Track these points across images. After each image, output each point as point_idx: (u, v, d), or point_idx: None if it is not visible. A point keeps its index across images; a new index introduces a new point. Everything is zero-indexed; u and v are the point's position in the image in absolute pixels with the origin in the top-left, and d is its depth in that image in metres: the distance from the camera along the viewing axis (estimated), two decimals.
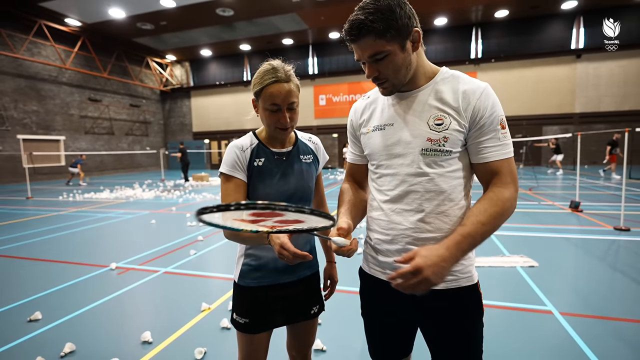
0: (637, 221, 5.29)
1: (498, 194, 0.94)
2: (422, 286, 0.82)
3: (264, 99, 1.14)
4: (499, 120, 0.97)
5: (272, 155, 1.24)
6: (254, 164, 1.20)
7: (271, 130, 1.20)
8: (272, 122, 1.17)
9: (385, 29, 0.89)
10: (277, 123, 1.17)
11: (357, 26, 0.90)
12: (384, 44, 0.91)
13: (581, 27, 16.33)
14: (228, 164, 1.19)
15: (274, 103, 1.13)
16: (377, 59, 0.94)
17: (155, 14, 14.78)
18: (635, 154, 15.12)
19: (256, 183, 1.21)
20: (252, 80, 1.19)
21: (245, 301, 1.29)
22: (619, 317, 2.53)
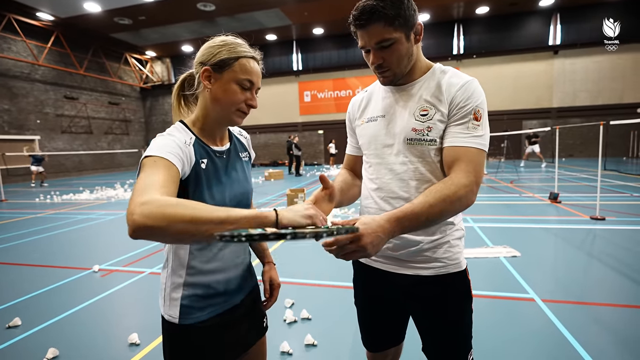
0: (612, 210, 5.52)
1: (454, 179, 0.91)
2: (357, 254, 0.81)
3: (236, 71, 0.92)
4: (472, 110, 0.97)
5: (214, 155, 0.98)
6: (200, 165, 0.92)
7: (229, 112, 0.95)
8: (239, 100, 0.94)
9: (394, 16, 0.92)
10: (243, 106, 0.95)
11: (368, 11, 0.92)
12: (391, 31, 0.93)
13: (558, 23, 16.82)
14: (164, 147, 0.83)
15: (250, 79, 0.94)
16: (383, 46, 0.96)
17: (133, 8, 14.34)
18: (609, 146, 15.76)
19: (200, 189, 0.91)
20: (209, 47, 0.95)
21: (193, 347, 0.95)
22: (596, 302, 2.63)
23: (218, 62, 0.92)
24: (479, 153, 0.95)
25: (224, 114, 0.96)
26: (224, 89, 0.93)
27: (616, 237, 4.23)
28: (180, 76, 1.06)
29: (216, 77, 0.93)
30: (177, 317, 0.95)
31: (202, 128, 0.98)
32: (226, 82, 0.93)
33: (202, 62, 0.94)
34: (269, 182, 11.90)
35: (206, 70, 0.93)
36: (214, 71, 0.93)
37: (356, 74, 19.16)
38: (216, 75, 0.93)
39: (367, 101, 1.17)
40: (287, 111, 20.65)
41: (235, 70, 0.93)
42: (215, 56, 0.93)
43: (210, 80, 0.94)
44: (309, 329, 2.39)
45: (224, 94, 0.93)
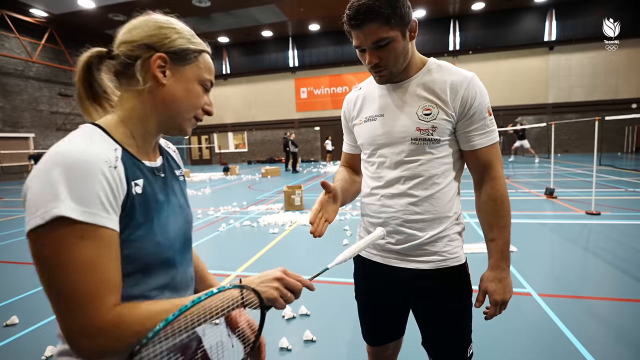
0: (607, 205, 5.57)
1: (497, 189, 1.05)
2: (504, 305, 1.05)
3: (201, 68, 0.72)
4: (486, 108, 1.03)
5: (150, 173, 0.70)
6: (132, 191, 0.62)
7: (184, 118, 0.72)
8: (200, 104, 0.73)
9: (390, 14, 0.91)
10: (199, 110, 0.74)
11: (364, 10, 0.90)
12: (388, 30, 0.93)
13: (553, 19, 16.86)
14: (85, 196, 0.53)
15: (212, 80, 0.76)
16: (379, 45, 0.95)
17: (127, 4, 14.19)
18: (604, 142, 15.87)
19: (137, 226, 0.62)
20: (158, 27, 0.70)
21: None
22: (592, 296, 2.67)
23: (178, 51, 0.69)
24: (497, 145, 1.07)
25: (176, 119, 0.71)
26: (184, 88, 0.70)
27: (611, 231, 4.27)
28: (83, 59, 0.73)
29: (174, 71, 0.69)
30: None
31: (132, 136, 0.68)
32: (188, 80, 0.70)
33: (151, 46, 0.67)
34: (266, 179, 11.88)
35: (161, 58, 0.67)
36: (172, 62, 0.68)
37: (352, 70, 19.12)
38: (175, 68, 0.69)
39: (363, 99, 1.15)
40: (284, 108, 20.59)
41: (199, 66, 0.72)
42: (173, 42, 0.69)
43: (164, 73, 0.68)
44: (307, 324, 2.40)
45: (184, 94, 0.70)
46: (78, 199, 0.52)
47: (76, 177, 0.53)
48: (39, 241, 0.53)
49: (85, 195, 0.53)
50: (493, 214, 1.05)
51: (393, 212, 1.07)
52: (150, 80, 0.67)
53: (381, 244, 1.11)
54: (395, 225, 1.07)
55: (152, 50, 0.67)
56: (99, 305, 0.53)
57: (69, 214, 0.51)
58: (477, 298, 1.07)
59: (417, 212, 1.05)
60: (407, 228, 1.06)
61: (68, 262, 0.52)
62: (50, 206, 0.51)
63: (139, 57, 0.67)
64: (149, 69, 0.67)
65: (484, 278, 1.06)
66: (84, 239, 0.53)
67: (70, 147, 0.56)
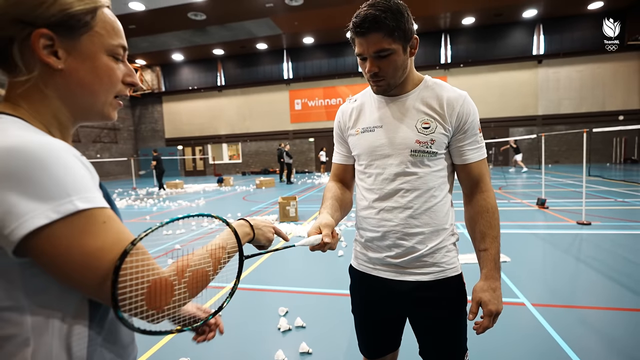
0: (597, 215, 5.66)
1: (488, 201, 1.09)
2: (496, 317, 1.04)
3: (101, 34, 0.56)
4: (477, 125, 1.08)
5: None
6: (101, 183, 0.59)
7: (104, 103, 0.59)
8: (117, 81, 0.60)
9: (394, 27, 0.95)
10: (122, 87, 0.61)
11: (370, 20, 0.94)
12: (390, 42, 0.96)
13: (541, 34, 17.36)
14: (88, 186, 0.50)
15: (123, 44, 0.60)
16: (381, 55, 0.99)
17: (123, 17, 14.29)
18: (593, 153, 16.20)
19: None
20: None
21: None
22: (584, 305, 2.70)
23: (62, 19, 0.51)
24: (485, 160, 1.12)
25: (92, 107, 0.58)
26: (89, 69, 0.55)
27: (602, 241, 4.34)
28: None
29: (68, 47, 0.53)
30: None
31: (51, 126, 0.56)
32: (90, 56, 0.55)
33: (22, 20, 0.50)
34: (260, 190, 11.87)
35: (44, 35, 0.51)
36: (59, 37, 0.52)
37: (346, 82, 19.38)
38: (66, 44, 0.53)
39: (360, 110, 1.17)
40: (278, 119, 20.71)
41: (99, 32, 0.55)
42: (51, 7, 0.51)
43: (57, 54, 0.52)
44: (303, 337, 2.39)
45: (91, 75, 0.55)
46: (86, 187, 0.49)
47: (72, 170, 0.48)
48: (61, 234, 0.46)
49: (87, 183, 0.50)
50: (486, 224, 1.07)
51: (393, 225, 1.08)
52: (40, 67, 0.52)
53: (380, 257, 1.12)
54: (395, 238, 1.08)
55: (27, 26, 0.50)
56: None
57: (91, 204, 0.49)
58: (470, 310, 1.04)
59: (416, 225, 1.06)
60: (406, 241, 1.07)
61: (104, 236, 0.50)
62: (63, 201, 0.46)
63: (12, 38, 0.50)
64: (32, 53, 0.51)
65: (477, 288, 1.05)
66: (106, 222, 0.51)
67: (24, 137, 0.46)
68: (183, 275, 0.57)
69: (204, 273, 0.61)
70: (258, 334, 2.47)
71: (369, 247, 1.15)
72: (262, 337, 2.44)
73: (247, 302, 2.96)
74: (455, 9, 15.50)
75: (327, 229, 0.94)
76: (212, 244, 0.67)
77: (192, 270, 0.59)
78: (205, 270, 0.62)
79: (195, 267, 0.60)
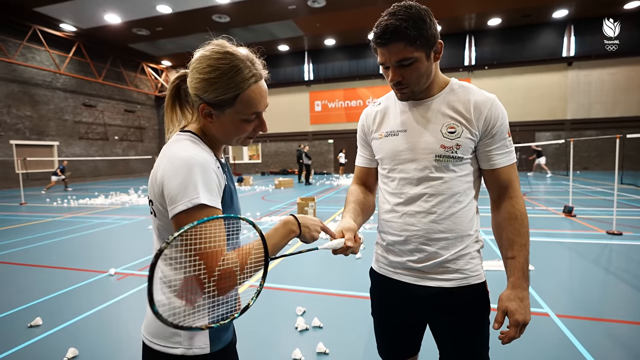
0: (629, 225, 5.40)
1: (517, 208, 1.05)
2: (523, 327, 1.00)
3: (239, 109, 0.83)
4: (506, 129, 1.06)
5: (225, 167, 0.92)
6: (226, 182, 0.86)
7: (235, 141, 0.90)
8: (246, 132, 0.88)
9: (416, 36, 0.94)
10: (251, 133, 0.89)
11: (391, 31, 0.93)
12: (412, 51, 0.96)
13: (572, 35, 16.71)
14: (209, 189, 0.77)
15: (257, 111, 0.85)
16: (403, 64, 0.98)
17: (151, 19, 14.82)
18: (626, 159, 15.43)
19: (225, 207, 0.85)
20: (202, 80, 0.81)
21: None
22: (613, 318, 2.59)
23: (215, 102, 0.81)
24: (515, 165, 1.09)
25: (229, 141, 0.90)
26: (229, 125, 0.85)
27: (634, 252, 4.14)
28: (171, 82, 0.92)
29: (217, 114, 0.84)
30: (209, 345, 0.84)
31: (211, 141, 0.90)
32: (229, 121, 0.84)
33: (198, 95, 0.83)
34: (279, 190, 11.98)
35: (204, 108, 0.83)
36: (213, 109, 0.83)
37: (367, 84, 19.29)
38: (217, 112, 0.83)
39: (383, 114, 1.17)
40: (298, 120, 20.85)
41: (237, 108, 0.82)
42: (212, 93, 0.80)
43: (211, 116, 0.84)
44: (320, 337, 2.40)
45: (228, 129, 0.86)
46: (208, 189, 0.76)
47: (205, 175, 0.76)
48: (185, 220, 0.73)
49: (211, 187, 0.77)
50: (514, 231, 1.04)
51: (416, 230, 1.07)
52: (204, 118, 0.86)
53: (401, 261, 1.11)
54: (418, 243, 1.07)
55: (199, 99, 0.83)
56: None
57: (205, 202, 0.74)
58: (495, 319, 0.99)
59: (440, 230, 1.05)
60: (429, 246, 1.06)
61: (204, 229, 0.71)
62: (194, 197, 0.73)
63: (195, 100, 0.85)
64: (200, 112, 0.85)
65: (504, 297, 1.02)
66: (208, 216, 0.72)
67: (193, 153, 0.79)
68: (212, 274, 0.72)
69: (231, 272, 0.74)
70: (275, 333, 2.51)
71: (390, 251, 1.15)
72: (280, 335, 2.47)
73: (265, 301, 3.01)
74: (480, 10, 15.14)
75: (349, 233, 0.96)
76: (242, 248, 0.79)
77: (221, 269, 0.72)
78: (233, 270, 0.74)
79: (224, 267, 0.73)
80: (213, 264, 0.71)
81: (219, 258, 0.72)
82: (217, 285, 0.71)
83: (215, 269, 0.71)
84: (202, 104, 0.83)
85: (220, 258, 0.73)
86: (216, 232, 0.72)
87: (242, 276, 0.75)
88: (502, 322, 1.01)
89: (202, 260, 0.70)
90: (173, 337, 0.81)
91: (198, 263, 0.70)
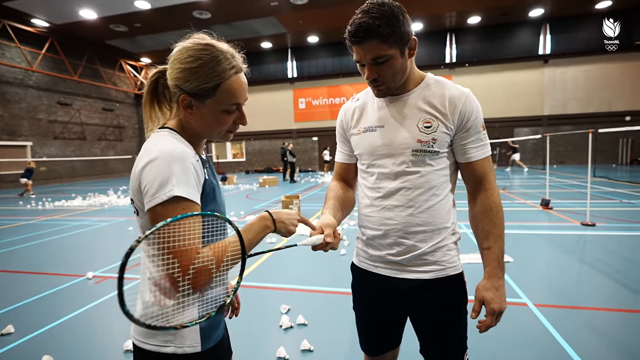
0: (602, 217, 5.62)
1: (492, 200, 1.08)
2: (499, 316, 1.03)
3: (220, 99, 0.83)
4: (481, 122, 1.07)
5: (207, 163, 0.93)
6: (206, 177, 0.86)
7: (216, 135, 0.90)
8: (227, 124, 0.87)
9: (389, 34, 0.94)
10: (232, 126, 0.89)
11: (364, 29, 0.94)
12: (386, 49, 0.96)
13: (548, 33, 17.21)
14: (186, 182, 0.76)
15: (237, 102, 0.86)
16: (378, 62, 0.99)
17: (129, 15, 14.39)
18: (598, 154, 16.05)
19: (207, 202, 0.86)
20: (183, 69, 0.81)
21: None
22: (588, 306, 2.69)
23: (197, 91, 0.81)
24: (490, 158, 1.11)
25: (210, 135, 0.90)
26: (209, 116, 0.85)
27: (606, 242, 4.31)
28: (150, 77, 0.92)
29: (197, 105, 0.83)
30: (199, 342, 0.84)
31: (191, 136, 0.89)
32: (210, 111, 0.84)
33: (178, 86, 0.83)
34: (264, 188, 11.90)
35: (184, 98, 0.83)
36: (194, 99, 0.83)
37: (350, 81, 19.35)
38: (197, 103, 0.83)
39: (362, 110, 1.17)
40: (282, 118, 20.73)
41: (218, 98, 0.83)
42: (193, 83, 0.81)
43: (191, 107, 0.84)
44: (305, 334, 2.40)
45: (209, 121, 0.85)
46: (185, 182, 0.75)
47: (182, 168, 0.76)
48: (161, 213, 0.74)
49: (185, 181, 0.76)
50: (490, 223, 1.07)
51: (394, 224, 1.08)
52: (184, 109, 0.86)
53: (381, 255, 1.13)
54: (397, 237, 1.09)
55: (180, 90, 0.83)
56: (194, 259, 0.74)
57: (181, 193, 0.74)
58: (473, 308, 1.03)
59: (417, 223, 1.07)
60: (407, 239, 1.08)
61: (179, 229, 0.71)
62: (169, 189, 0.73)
63: (175, 92, 0.85)
64: (180, 105, 0.86)
65: (480, 287, 1.05)
66: (185, 209, 0.75)
67: (171, 147, 0.78)
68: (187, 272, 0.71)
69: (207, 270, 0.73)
70: (260, 332, 2.49)
71: (370, 245, 1.16)
72: (264, 334, 2.45)
73: (250, 300, 2.98)
74: (461, 8, 15.40)
75: (328, 229, 0.96)
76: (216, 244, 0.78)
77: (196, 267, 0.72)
78: (209, 268, 0.73)
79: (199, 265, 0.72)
80: (187, 262, 0.71)
81: (193, 256, 0.72)
82: (192, 283, 0.71)
83: (190, 267, 0.71)
84: (182, 94, 0.82)
85: (194, 256, 0.72)
86: (191, 229, 0.72)
87: (218, 273, 0.75)
88: (480, 312, 1.03)
89: (176, 258, 0.70)
90: (163, 336, 0.82)
91: (172, 261, 0.69)
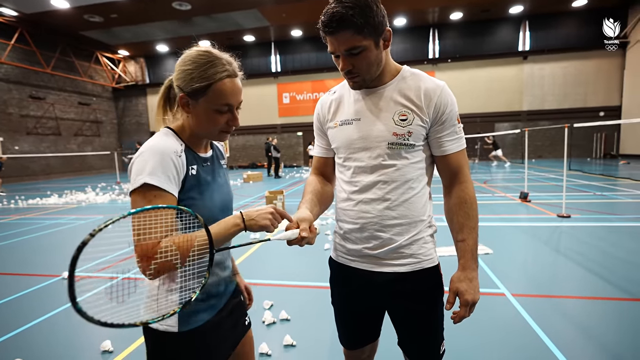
0: (577, 208, 5.83)
1: (467, 192, 1.08)
2: (473, 307, 1.04)
3: (211, 98, 0.90)
4: (456, 115, 1.07)
5: (202, 162, 0.99)
6: (189, 172, 0.93)
7: (211, 134, 0.97)
8: (219, 124, 0.94)
9: (363, 24, 0.92)
10: (224, 126, 0.96)
11: (337, 19, 0.92)
12: (361, 39, 0.95)
13: (527, 30, 17.60)
14: (160, 172, 0.85)
15: (228, 103, 0.93)
16: (352, 53, 0.97)
17: (104, 5, 13.87)
18: (574, 148, 16.61)
19: (194, 195, 0.93)
20: (183, 70, 0.91)
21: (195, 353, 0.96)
22: (562, 295, 2.78)
23: (191, 90, 0.90)
24: (465, 151, 1.11)
25: (206, 135, 0.98)
26: (202, 117, 0.93)
27: (580, 233, 4.47)
28: (164, 84, 1.03)
29: (193, 104, 0.92)
30: (176, 324, 0.93)
31: (190, 136, 0.98)
32: (203, 110, 0.92)
33: (179, 87, 0.93)
34: (248, 184, 11.78)
35: (182, 97, 0.93)
36: (190, 98, 0.92)
37: (335, 76, 19.29)
38: (193, 102, 0.92)
39: (338, 103, 1.16)
40: (266, 113, 20.52)
41: (209, 97, 0.91)
42: (189, 83, 0.90)
43: (188, 106, 0.93)
44: (287, 329, 2.39)
45: (202, 120, 0.94)
46: (157, 172, 0.84)
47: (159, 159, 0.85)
48: (134, 200, 0.83)
49: (162, 170, 0.85)
50: (464, 215, 1.07)
51: (371, 217, 1.08)
52: (183, 108, 0.95)
53: (358, 249, 1.12)
54: (373, 230, 1.08)
55: (180, 90, 0.93)
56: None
57: (151, 181, 0.82)
58: (447, 300, 1.04)
59: (394, 216, 1.07)
60: (384, 233, 1.07)
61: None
62: (144, 176, 0.82)
63: (177, 93, 0.95)
64: (179, 101, 0.95)
65: (455, 279, 1.06)
66: (156, 197, 0.83)
67: (155, 142, 0.88)
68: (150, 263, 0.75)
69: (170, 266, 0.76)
70: None
71: (347, 239, 1.15)
72: None
73: None
74: (443, 3, 15.55)
75: (304, 223, 0.94)
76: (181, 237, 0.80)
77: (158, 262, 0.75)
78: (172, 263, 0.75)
79: (161, 260, 0.75)
80: (143, 254, 0.75)
81: (150, 250, 0.75)
82: (153, 276, 0.77)
83: (152, 262, 0.73)
84: (181, 94, 0.92)
85: (156, 250, 0.75)
86: (152, 223, 0.75)
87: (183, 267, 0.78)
88: (454, 303, 1.04)
89: (135, 252, 0.75)
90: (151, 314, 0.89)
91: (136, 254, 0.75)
